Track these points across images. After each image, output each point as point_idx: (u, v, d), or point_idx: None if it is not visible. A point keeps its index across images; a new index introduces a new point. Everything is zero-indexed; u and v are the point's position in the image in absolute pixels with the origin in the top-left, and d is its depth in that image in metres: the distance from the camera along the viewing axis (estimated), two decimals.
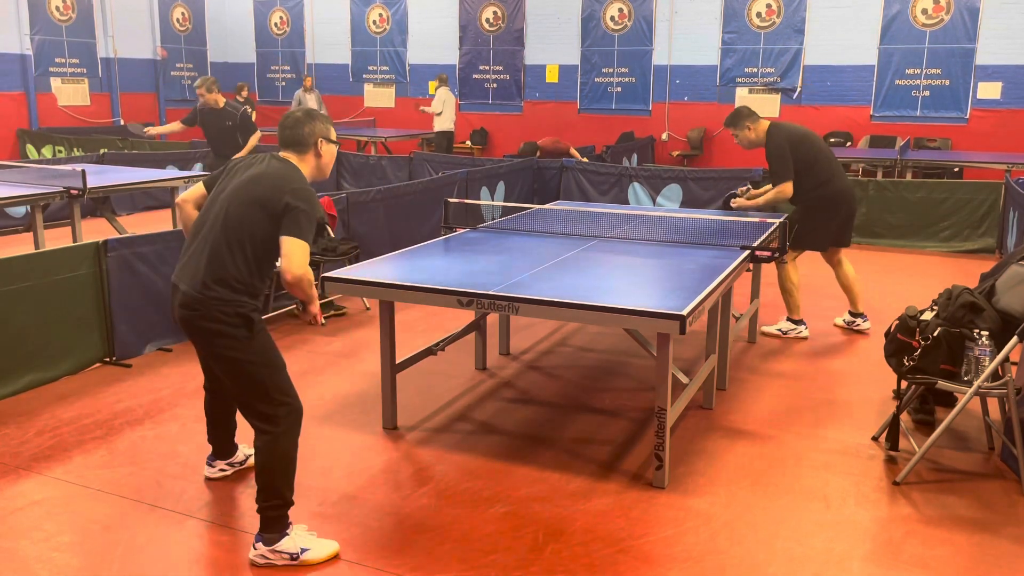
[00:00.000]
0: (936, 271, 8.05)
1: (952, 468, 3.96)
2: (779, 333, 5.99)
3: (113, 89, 15.86)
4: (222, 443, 3.73)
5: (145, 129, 9.32)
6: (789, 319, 6.05)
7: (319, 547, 3.12)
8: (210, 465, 3.76)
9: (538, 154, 11.76)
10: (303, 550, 3.08)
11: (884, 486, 3.76)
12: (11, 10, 14.12)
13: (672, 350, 3.61)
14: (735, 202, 6.07)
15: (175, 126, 8.87)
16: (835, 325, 6.26)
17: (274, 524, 3.07)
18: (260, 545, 3.08)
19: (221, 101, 8.43)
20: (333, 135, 3.29)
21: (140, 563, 3.10)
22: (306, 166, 3.21)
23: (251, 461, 3.72)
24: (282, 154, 3.21)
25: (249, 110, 8.68)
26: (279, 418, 3.07)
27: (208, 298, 3.00)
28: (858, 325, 6.15)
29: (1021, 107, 12.56)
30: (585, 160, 11.26)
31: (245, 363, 3.05)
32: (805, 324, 6.02)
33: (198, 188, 3.37)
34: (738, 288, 6.27)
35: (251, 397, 3.08)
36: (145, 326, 5.37)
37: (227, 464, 3.78)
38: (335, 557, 3.13)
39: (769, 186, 5.88)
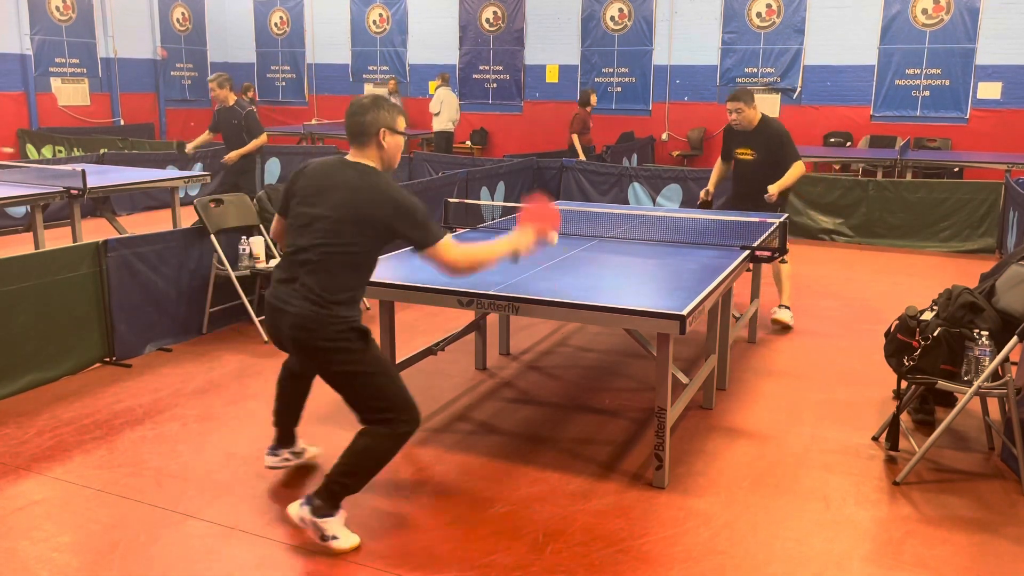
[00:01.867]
0: (936, 271, 8.05)
1: (952, 468, 3.96)
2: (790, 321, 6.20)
3: (113, 89, 15.86)
4: (288, 429, 3.72)
5: (187, 148, 9.32)
6: (787, 306, 6.29)
7: (345, 539, 3.18)
8: (273, 454, 3.74)
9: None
10: (333, 537, 3.15)
11: (884, 486, 3.76)
12: (11, 10, 14.12)
13: (672, 350, 3.61)
14: (771, 195, 6.17)
15: (205, 135, 8.85)
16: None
17: (331, 499, 3.15)
18: (306, 508, 3.14)
19: (231, 99, 8.40)
20: (400, 124, 3.18)
21: (140, 563, 3.10)
22: (370, 160, 3.16)
23: (308, 454, 3.83)
24: (349, 156, 3.18)
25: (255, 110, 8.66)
26: (397, 422, 3.13)
27: (324, 316, 3.02)
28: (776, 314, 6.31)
29: (1021, 107, 12.56)
30: (584, 159, 11.25)
31: (363, 375, 3.11)
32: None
33: (280, 220, 3.36)
34: (738, 288, 6.27)
35: (370, 403, 3.14)
36: (145, 326, 5.37)
37: (291, 453, 3.78)
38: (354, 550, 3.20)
39: (788, 174, 6.12)
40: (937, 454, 4.09)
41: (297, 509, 3.18)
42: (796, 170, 6.11)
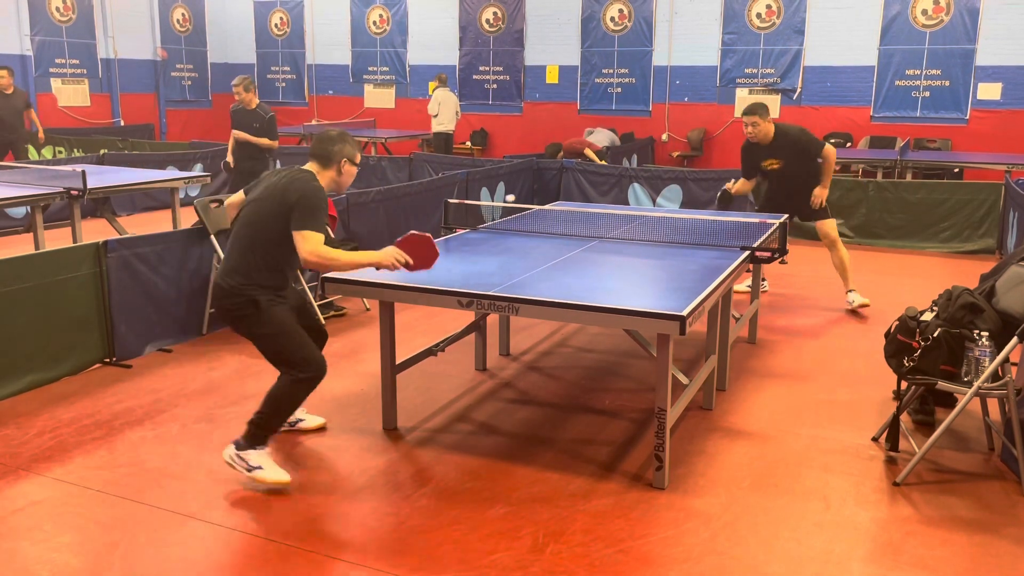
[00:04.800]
0: (936, 272, 8.05)
1: (952, 469, 3.96)
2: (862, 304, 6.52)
3: (113, 90, 15.86)
4: None
5: (229, 160, 9.04)
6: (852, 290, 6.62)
7: (271, 472, 3.62)
8: None
9: (560, 155, 11.77)
10: (257, 467, 3.61)
11: (884, 487, 3.76)
12: (11, 10, 14.12)
13: (672, 350, 3.61)
14: (818, 198, 6.51)
15: (232, 142, 8.67)
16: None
17: (252, 438, 3.64)
18: (232, 446, 3.66)
19: (254, 102, 8.42)
20: (357, 159, 3.79)
21: (140, 563, 3.10)
22: (324, 178, 3.71)
23: (302, 424, 4.27)
24: (308, 165, 3.71)
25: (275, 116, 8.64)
26: (300, 369, 3.63)
27: (228, 287, 3.61)
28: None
29: (1021, 108, 12.56)
30: (604, 163, 11.30)
31: (264, 336, 3.66)
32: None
33: (239, 195, 3.97)
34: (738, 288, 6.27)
35: (277, 358, 3.68)
36: (145, 326, 5.37)
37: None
38: (280, 488, 3.61)
39: (826, 169, 6.45)
40: (937, 455, 4.09)
41: (225, 452, 3.68)
42: (830, 157, 6.40)
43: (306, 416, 4.31)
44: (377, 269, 3.68)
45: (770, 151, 6.37)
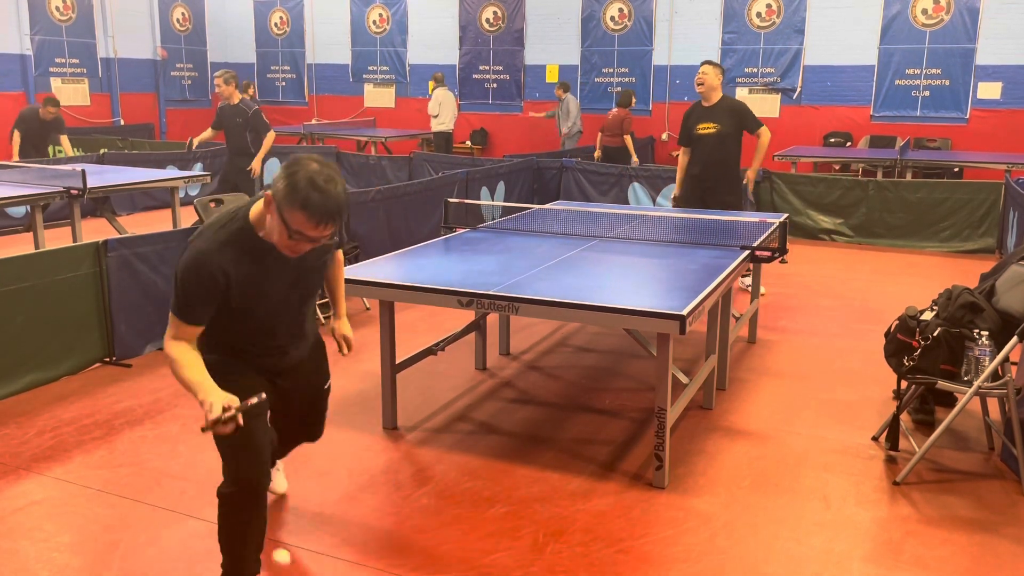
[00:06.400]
0: (936, 271, 8.05)
1: (952, 468, 3.96)
2: None
3: (113, 89, 15.85)
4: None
5: (193, 143, 9.10)
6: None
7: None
8: None
9: (596, 155, 11.81)
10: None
11: (884, 486, 3.76)
12: (11, 10, 14.11)
13: (672, 350, 3.61)
14: (752, 174, 6.87)
15: (208, 132, 8.70)
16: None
17: None
18: None
19: (236, 97, 8.30)
20: (285, 213, 2.43)
21: (140, 563, 3.10)
22: (257, 215, 2.60)
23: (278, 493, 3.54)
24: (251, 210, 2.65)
25: (260, 109, 8.61)
26: (224, 474, 2.75)
27: None
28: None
29: (1021, 107, 12.55)
30: (637, 161, 11.40)
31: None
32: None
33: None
34: (738, 288, 6.28)
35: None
36: (145, 326, 5.37)
37: None
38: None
39: (758, 152, 6.72)
40: (937, 454, 4.09)
41: None
42: (765, 140, 6.60)
43: (275, 476, 3.48)
44: (201, 406, 2.47)
45: (708, 113, 6.64)
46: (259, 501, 2.77)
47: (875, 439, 4.23)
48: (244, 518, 2.75)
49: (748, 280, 6.75)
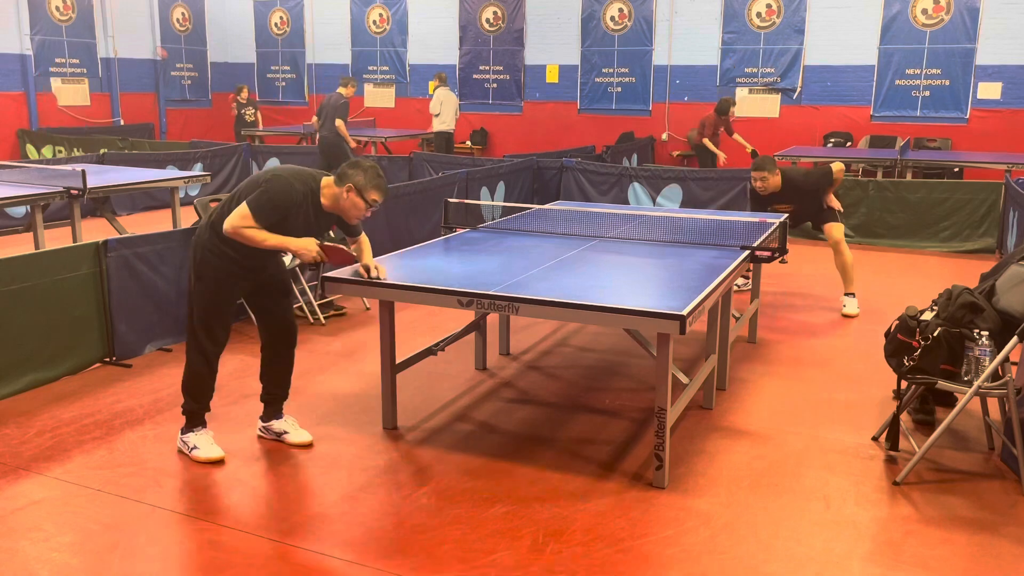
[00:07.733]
0: (936, 271, 8.05)
1: (952, 468, 3.96)
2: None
3: (113, 89, 15.85)
4: (266, 401, 4.16)
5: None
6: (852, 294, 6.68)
7: (206, 450, 3.89)
8: (262, 421, 4.18)
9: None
10: (194, 447, 3.89)
11: (884, 486, 3.76)
12: (11, 10, 14.11)
13: (672, 350, 3.61)
14: (836, 206, 6.78)
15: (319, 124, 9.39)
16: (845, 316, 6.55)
17: (187, 421, 3.95)
18: (179, 435, 3.98)
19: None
20: (368, 196, 3.71)
21: (140, 563, 3.10)
22: (329, 193, 3.75)
23: (287, 439, 4.12)
24: (323, 178, 3.79)
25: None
26: (193, 336, 3.85)
27: (193, 239, 3.85)
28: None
29: (1021, 107, 12.56)
30: (723, 155, 11.62)
31: (190, 289, 3.86)
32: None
33: None
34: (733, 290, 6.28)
35: (188, 317, 3.89)
36: (145, 326, 5.37)
37: (264, 427, 4.18)
38: (215, 462, 3.85)
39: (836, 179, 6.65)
40: (937, 454, 4.09)
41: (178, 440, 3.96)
42: (840, 177, 6.61)
43: (291, 429, 4.13)
44: (292, 256, 3.86)
45: (780, 198, 6.54)
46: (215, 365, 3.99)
47: (875, 439, 4.23)
48: (202, 369, 3.91)
49: (740, 282, 6.81)
